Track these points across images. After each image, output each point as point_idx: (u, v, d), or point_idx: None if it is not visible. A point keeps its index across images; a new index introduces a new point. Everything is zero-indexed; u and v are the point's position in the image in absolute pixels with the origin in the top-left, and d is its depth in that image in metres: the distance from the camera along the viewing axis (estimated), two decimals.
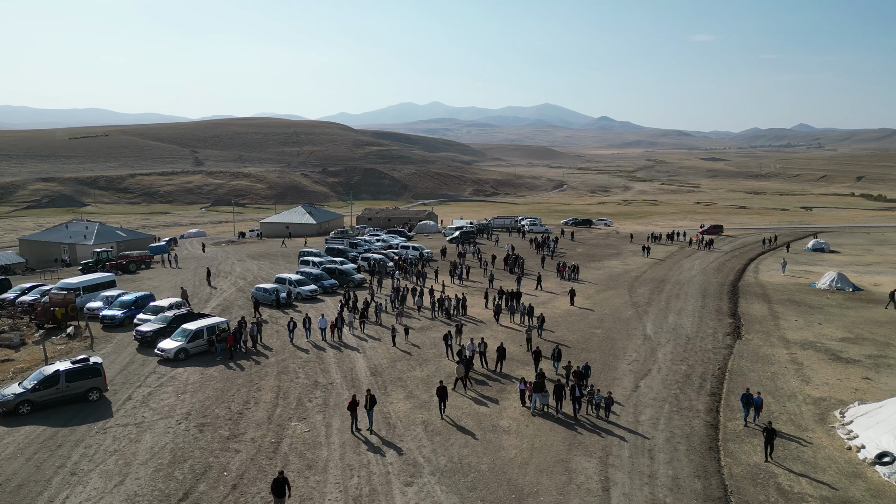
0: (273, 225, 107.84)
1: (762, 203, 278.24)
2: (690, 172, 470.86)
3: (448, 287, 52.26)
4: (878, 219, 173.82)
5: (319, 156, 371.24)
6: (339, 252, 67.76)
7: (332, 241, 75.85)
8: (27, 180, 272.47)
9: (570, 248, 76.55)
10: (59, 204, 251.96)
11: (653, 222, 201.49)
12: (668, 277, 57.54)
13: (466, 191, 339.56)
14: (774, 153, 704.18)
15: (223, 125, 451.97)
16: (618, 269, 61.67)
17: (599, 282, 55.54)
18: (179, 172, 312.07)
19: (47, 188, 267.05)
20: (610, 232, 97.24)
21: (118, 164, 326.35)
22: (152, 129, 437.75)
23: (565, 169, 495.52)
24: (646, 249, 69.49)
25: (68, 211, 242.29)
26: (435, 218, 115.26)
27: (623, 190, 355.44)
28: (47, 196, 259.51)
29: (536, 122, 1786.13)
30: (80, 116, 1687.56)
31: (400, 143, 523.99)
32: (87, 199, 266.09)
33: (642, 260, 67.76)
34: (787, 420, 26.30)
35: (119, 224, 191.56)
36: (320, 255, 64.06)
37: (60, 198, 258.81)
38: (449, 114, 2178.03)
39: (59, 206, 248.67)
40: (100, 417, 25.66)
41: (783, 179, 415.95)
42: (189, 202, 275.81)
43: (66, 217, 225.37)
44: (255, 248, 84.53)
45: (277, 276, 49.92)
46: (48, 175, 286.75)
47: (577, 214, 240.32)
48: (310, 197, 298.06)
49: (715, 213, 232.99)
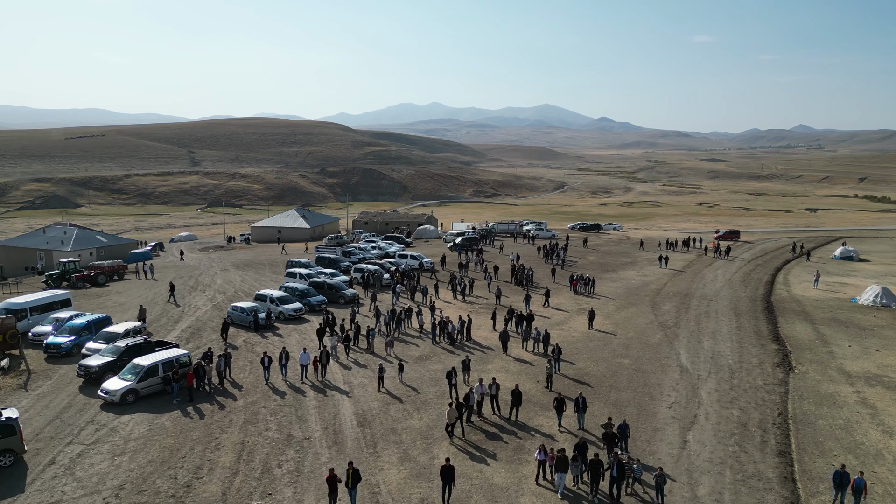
0: (264, 229, 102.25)
1: (765, 205, 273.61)
2: (691, 173, 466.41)
3: (449, 303, 47.02)
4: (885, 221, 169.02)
5: (318, 156, 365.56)
6: (330, 262, 61.85)
7: (323, 249, 69.58)
8: (20, 181, 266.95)
9: (580, 257, 70.92)
10: (52, 205, 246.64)
11: (657, 224, 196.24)
12: (692, 291, 52.41)
13: (466, 192, 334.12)
14: (775, 154, 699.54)
15: (220, 125, 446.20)
16: (636, 281, 56.48)
17: (618, 296, 50.21)
18: (175, 173, 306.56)
19: (41, 189, 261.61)
20: (620, 237, 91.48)
21: (114, 164, 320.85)
22: (149, 129, 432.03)
23: (565, 170, 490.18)
24: (663, 260, 63.78)
25: (61, 212, 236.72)
26: (435, 222, 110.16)
27: (624, 191, 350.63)
28: (41, 197, 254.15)
29: (536, 123, 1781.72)
30: (79, 116, 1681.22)
31: (399, 143, 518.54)
32: (82, 200, 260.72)
33: (660, 270, 62.51)
34: (882, 494, 20.68)
35: (106, 227, 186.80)
36: (309, 265, 58.33)
37: (54, 199, 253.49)
38: (448, 114, 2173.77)
39: (53, 207, 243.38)
40: (7, 493, 19.92)
41: (785, 181, 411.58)
42: (185, 203, 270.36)
43: (57, 218, 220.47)
44: (242, 255, 79.02)
45: (258, 293, 44.33)
46: (42, 175, 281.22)
47: (579, 216, 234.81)
48: (308, 198, 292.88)
49: (718, 215, 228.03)
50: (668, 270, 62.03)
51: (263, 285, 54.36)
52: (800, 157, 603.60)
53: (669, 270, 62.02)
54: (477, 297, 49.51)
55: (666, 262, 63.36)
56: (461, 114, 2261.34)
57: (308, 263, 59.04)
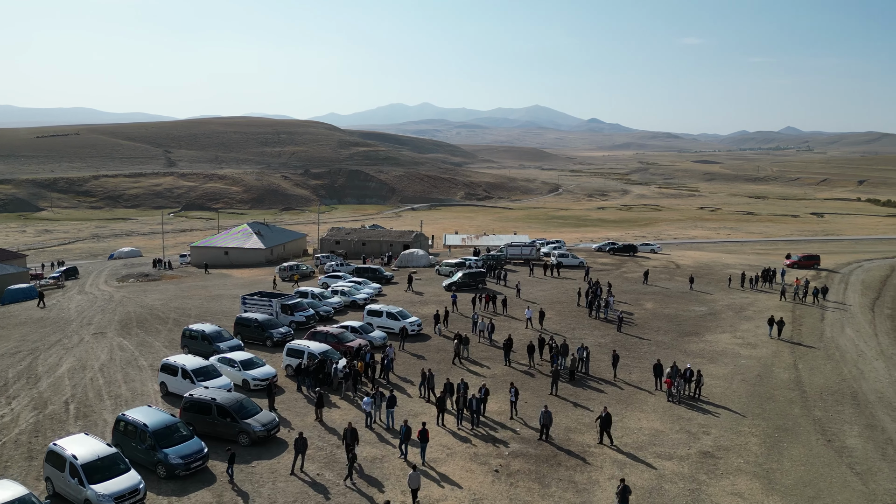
0: (207, 250, 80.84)
1: (769, 209, 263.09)
2: (686, 175, 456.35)
3: (448, 447, 24.71)
4: None
5: (302, 157, 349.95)
6: (255, 329, 36.90)
7: (251, 300, 41.77)
8: None
9: (633, 302, 47.98)
10: (11, 208, 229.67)
11: (664, 231, 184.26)
12: (858, 389, 31.20)
13: (458, 194, 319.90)
14: (765, 156, 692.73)
15: (201, 124, 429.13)
16: (746, 361, 34.74)
17: (743, 403, 28.92)
18: (148, 174, 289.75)
19: (0, 191, 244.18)
20: (665, 264, 67.89)
21: (83, 164, 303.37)
22: (124, 127, 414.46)
23: (558, 171, 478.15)
24: (775, 325, 39.74)
25: (20, 216, 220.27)
26: (424, 240, 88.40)
27: (621, 194, 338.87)
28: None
29: (526, 124, 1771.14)
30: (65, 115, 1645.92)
31: (388, 143, 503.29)
32: (44, 203, 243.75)
33: (765, 336, 39.51)
34: None
35: (61, 234, 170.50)
36: (219, 337, 34.40)
37: (13, 202, 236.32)
38: (439, 115, 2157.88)
39: (11, 211, 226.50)
40: None
41: (782, 183, 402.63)
42: (157, 206, 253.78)
43: (12, 224, 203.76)
44: (159, 294, 55.48)
45: (51, 447, 21.44)
46: (3, 177, 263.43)
47: (577, 221, 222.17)
48: (290, 201, 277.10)
49: (724, 220, 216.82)
50: (782, 341, 38.50)
51: (133, 381, 31.29)
52: (792, 159, 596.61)
53: (786, 342, 38.15)
54: (493, 426, 26.31)
55: (780, 330, 39.55)
56: (452, 114, 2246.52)
57: (212, 334, 34.55)
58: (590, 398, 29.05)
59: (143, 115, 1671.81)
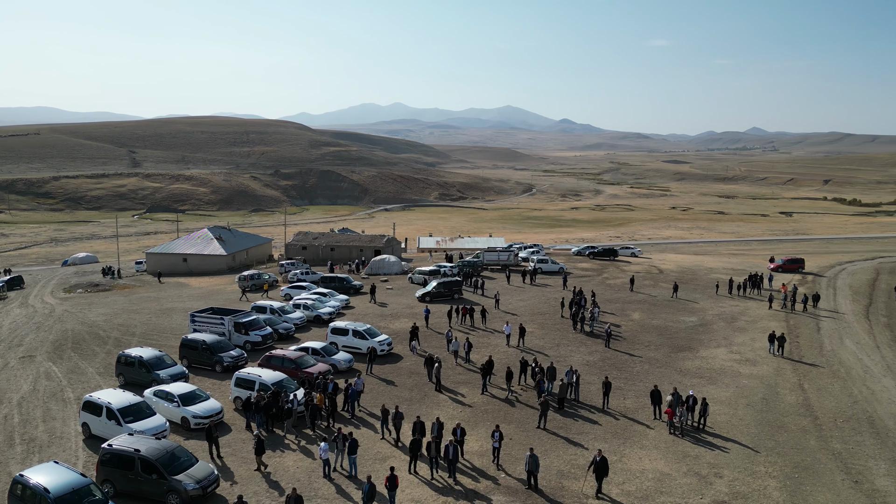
0: (163, 257, 75.70)
1: (738, 208, 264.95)
2: (657, 175, 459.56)
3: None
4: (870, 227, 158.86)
5: (272, 157, 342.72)
6: (203, 352, 32.29)
7: (201, 318, 37.30)
8: None
9: (620, 313, 44.51)
10: None
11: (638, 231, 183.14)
12: (874, 413, 28.07)
13: (431, 195, 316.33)
14: (732, 156, 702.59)
15: (167, 124, 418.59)
16: (748, 381, 31.25)
17: (753, 436, 25.54)
18: (112, 175, 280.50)
19: None
20: (647, 269, 64.51)
21: (43, 165, 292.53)
22: (87, 127, 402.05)
23: (531, 171, 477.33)
24: (776, 341, 35.96)
25: None
26: (396, 245, 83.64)
27: (594, 194, 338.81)
28: None
29: (499, 124, 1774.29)
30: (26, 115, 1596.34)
31: (360, 143, 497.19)
32: (0, 206, 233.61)
33: (764, 351, 36.12)
34: None
35: (17, 238, 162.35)
36: (159, 363, 30.02)
37: None
38: (411, 115, 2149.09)
39: None
40: None
41: (751, 183, 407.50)
42: (121, 208, 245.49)
43: None
44: (107, 307, 50.87)
45: None
46: None
47: (551, 222, 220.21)
48: (259, 202, 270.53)
49: (696, 220, 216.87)
50: (784, 359, 34.92)
51: (54, 420, 26.68)
52: (758, 159, 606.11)
53: (789, 361, 34.58)
54: (477, 468, 22.95)
55: (781, 347, 35.90)
56: (424, 114, 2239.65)
57: (154, 360, 29.99)
58: (582, 432, 25.52)
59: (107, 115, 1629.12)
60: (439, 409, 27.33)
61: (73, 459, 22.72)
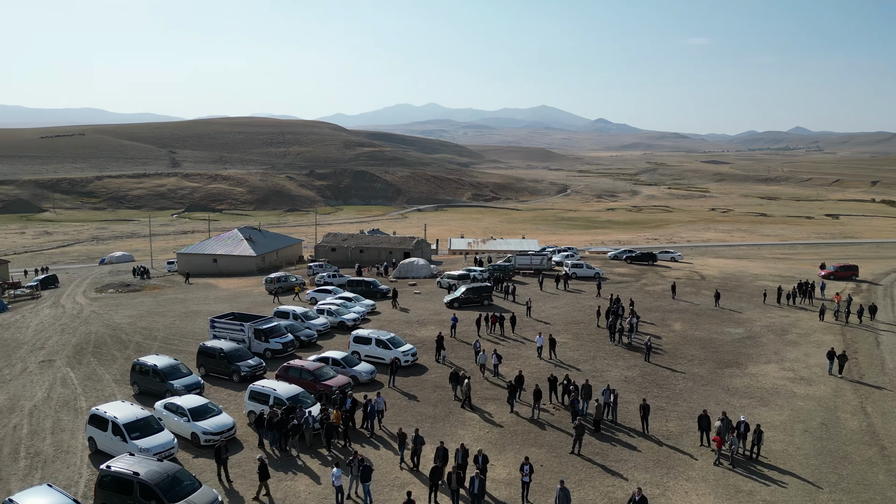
0: (194, 257, 75.43)
1: (782, 210, 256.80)
2: (696, 176, 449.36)
3: None
4: None
5: (307, 157, 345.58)
6: (220, 360, 30.84)
7: (220, 324, 35.94)
8: None
9: (660, 323, 41.75)
10: (12, 209, 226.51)
11: (677, 234, 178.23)
12: None
13: (465, 195, 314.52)
14: (775, 156, 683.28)
15: (206, 125, 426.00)
16: (807, 405, 28.32)
17: (816, 469, 22.89)
18: (152, 175, 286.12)
19: (3, 192, 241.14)
20: (688, 274, 60.95)
21: (87, 165, 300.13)
22: (129, 128, 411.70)
23: (565, 171, 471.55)
24: (836, 360, 32.61)
25: (22, 217, 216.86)
26: (426, 248, 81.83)
27: (631, 195, 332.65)
28: (0, 201, 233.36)
29: (533, 124, 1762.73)
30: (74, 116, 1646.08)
31: (394, 144, 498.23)
32: (46, 205, 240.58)
33: (819, 367, 33.18)
34: None
35: (60, 236, 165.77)
36: (174, 373, 28.55)
37: (16, 203, 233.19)
38: (445, 115, 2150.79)
39: (12, 213, 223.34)
40: None
41: (794, 184, 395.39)
42: (160, 207, 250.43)
43: (13, 226, 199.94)
44: (134, 308, 49.90)
45: None
46: (6, 177, 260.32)
47: (587, 223, 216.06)
48: (294, 202, 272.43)
49: (737, 222, 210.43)
50: (843, 379, 31.85)
51: (62, 433, 25.53)
52: (802, 160, 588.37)
53: (848, 381, 31.51)
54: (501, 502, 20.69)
55: (842, 366, 32.49)
56: (458, 115, 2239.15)
57: (170, 367, 28.75)
58: (620, 459, 23.14)
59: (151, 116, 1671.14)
60: (465, 429, 25.46)
61: (76, 477, 21.55)
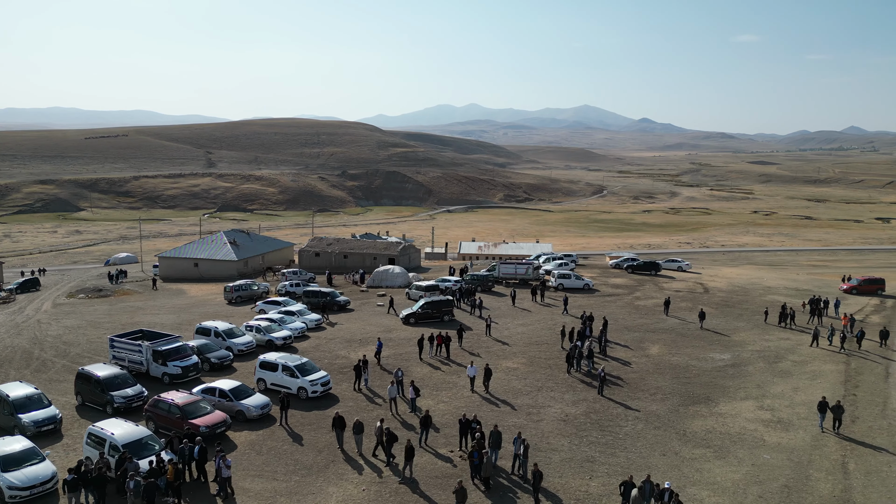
0: (175, 261, 72.79)
1: (829, 213, 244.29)
2: (740, 177, 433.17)
3: None
4: None
5: (340, 157, 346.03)
6: (95, 388, 27.46)
7: (120, 344, 32.75)
8: (24, 182, 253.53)
9: (636, 347, 36.67)
10: (52, 208, 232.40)
11: (711, 237, 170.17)
12: None
13: (496, 196, 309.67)
14: (827, 157, 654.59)
15: (243, 125, 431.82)
16: (774, 459, 23.42)
17: None
18: (187, 175, 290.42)
19: (43, 191, 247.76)
20: (691, 287, 55.81)
21: (125, 165, 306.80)
22: (170, 129, 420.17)
23: (605, 172, 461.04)
24: (831, 410, 25.87)
25: (59, 216, 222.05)
26: (414, 253, 77.34)
27: (669, 196, 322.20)
28: (41, 200, 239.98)
29: (575, 124, 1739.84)
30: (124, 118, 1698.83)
31: (431, 144, 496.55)
32: (84, 204, 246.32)
33: (807, 409, 27.80)
34: None
35: (91, 235, 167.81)
36: (29, 403, 25.33)
37: (55, 202, 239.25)
38: (486, 115, 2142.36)
39: (52, 211, 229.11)
40: None
41: (845, 185, 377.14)
42: (193, 207, 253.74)
43: (48, 225, 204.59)
44: (88, 313, 48.08)
45: None
46: (48, 177, 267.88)
47: (620, 225, 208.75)
48: (325, 202, 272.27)
49: (779, 225, 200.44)
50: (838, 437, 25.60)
51: None
52: (855, 160, 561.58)
53: (842, 440, 25.30)
54: None
55: (837, 420, 25.83)
56: (499, 115, 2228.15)
57: None
58: None
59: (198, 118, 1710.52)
60: (337, 486, 21.03)
61: None
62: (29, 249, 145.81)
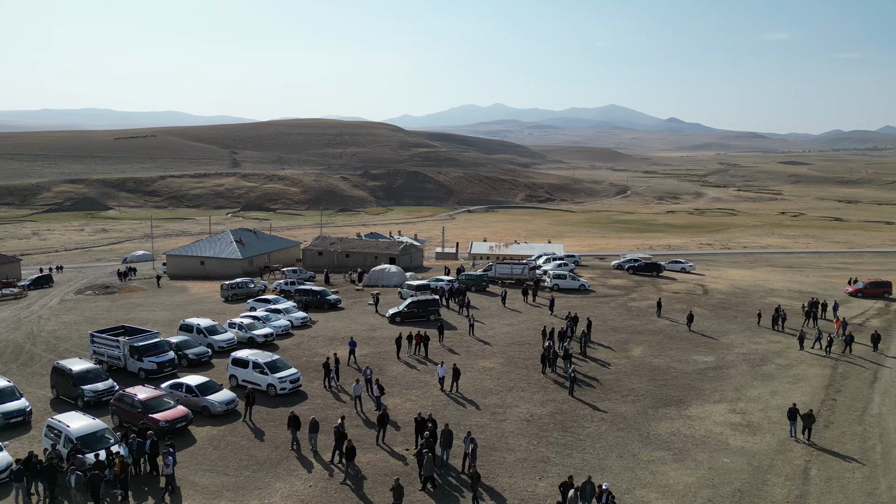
0: (183, 259, 73.54)
1: (859, 214, 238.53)
2: (769, 177, 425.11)
3: None
4: None
5: (362, 158, 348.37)
6: (68, 382, 28.21)
7: (100, 339, 33.41)
8: (54, 182, 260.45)
9: (619, 348, 36.28)
10: (81, 207, 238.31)
11: (733, 239, 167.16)
12: None
13: (518, 196, 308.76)
14: (861, 157, 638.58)
15: (267, 126, 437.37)
16: (733, 464, 22.93)
17: None
18: (212, 174, 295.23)
19: (73, 190, 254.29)
20: (691, 287, 55.37)
21: (152, 165, 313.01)
22: (197, 129, 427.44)
23: (630, 172, 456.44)
24: (801, 418, 25.14)
25: (87, 214, 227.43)
26: (415, 252, 77.08)
27: (695, 197, 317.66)
28: (70, 199, 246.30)
29: (601, 124, 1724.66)
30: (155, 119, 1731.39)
31: (454, 144, 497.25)
32: (112, 203, 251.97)
33: (780, 413, 26.99)
34: None
35: (116, 233, 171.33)
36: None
37: (84, 201, 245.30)
38: (511, 115, 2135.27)
39: (81, 210, 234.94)
40: None
41: (878, 186, 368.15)
42: (217, 206, 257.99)
43: (76, 223, 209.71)
44: (89, 310, 48.82)
45: None
46: (77, 177, 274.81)
47: (642, 226, 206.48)
48: (347, 202, 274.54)
49: (806, 227, 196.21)
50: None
51: None
52: (890, 160, 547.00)
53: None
54: None
55: (808, 428, 25.03)
56: (524, 115, 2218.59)
57: None
58: None
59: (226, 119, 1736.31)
60: (284, 482, 21.20)
61: None
62: (55, 247, 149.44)
